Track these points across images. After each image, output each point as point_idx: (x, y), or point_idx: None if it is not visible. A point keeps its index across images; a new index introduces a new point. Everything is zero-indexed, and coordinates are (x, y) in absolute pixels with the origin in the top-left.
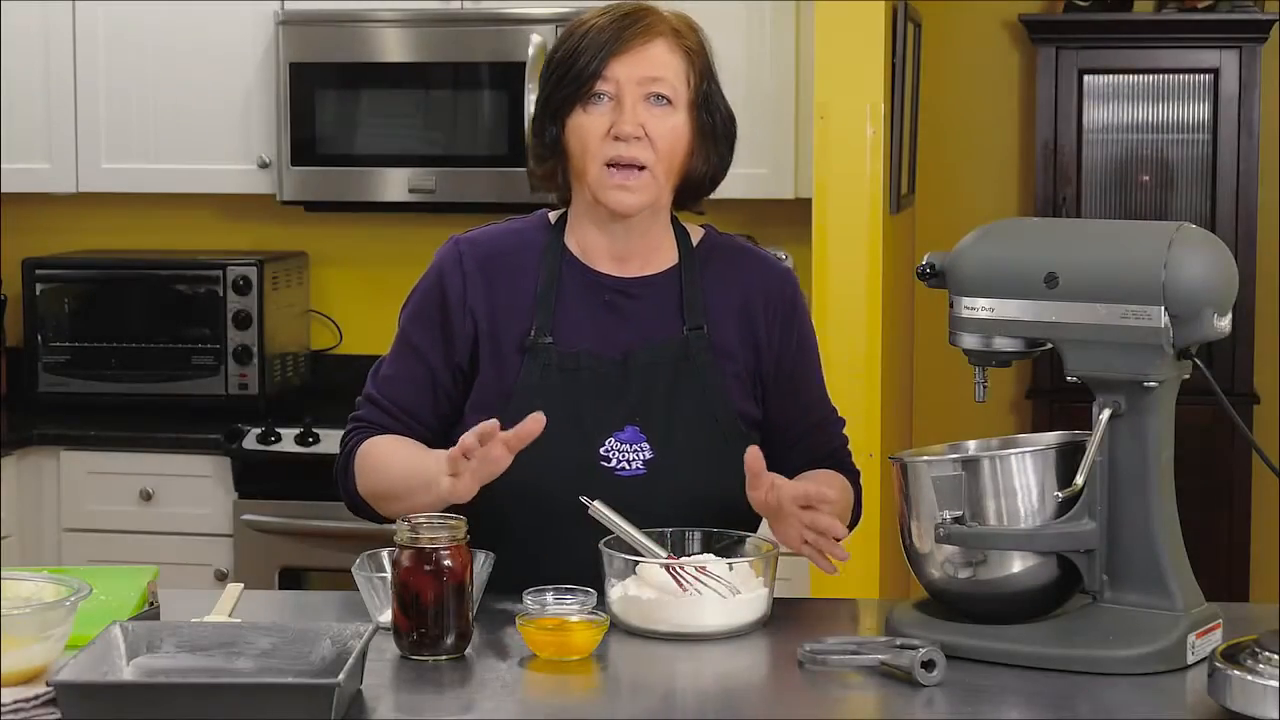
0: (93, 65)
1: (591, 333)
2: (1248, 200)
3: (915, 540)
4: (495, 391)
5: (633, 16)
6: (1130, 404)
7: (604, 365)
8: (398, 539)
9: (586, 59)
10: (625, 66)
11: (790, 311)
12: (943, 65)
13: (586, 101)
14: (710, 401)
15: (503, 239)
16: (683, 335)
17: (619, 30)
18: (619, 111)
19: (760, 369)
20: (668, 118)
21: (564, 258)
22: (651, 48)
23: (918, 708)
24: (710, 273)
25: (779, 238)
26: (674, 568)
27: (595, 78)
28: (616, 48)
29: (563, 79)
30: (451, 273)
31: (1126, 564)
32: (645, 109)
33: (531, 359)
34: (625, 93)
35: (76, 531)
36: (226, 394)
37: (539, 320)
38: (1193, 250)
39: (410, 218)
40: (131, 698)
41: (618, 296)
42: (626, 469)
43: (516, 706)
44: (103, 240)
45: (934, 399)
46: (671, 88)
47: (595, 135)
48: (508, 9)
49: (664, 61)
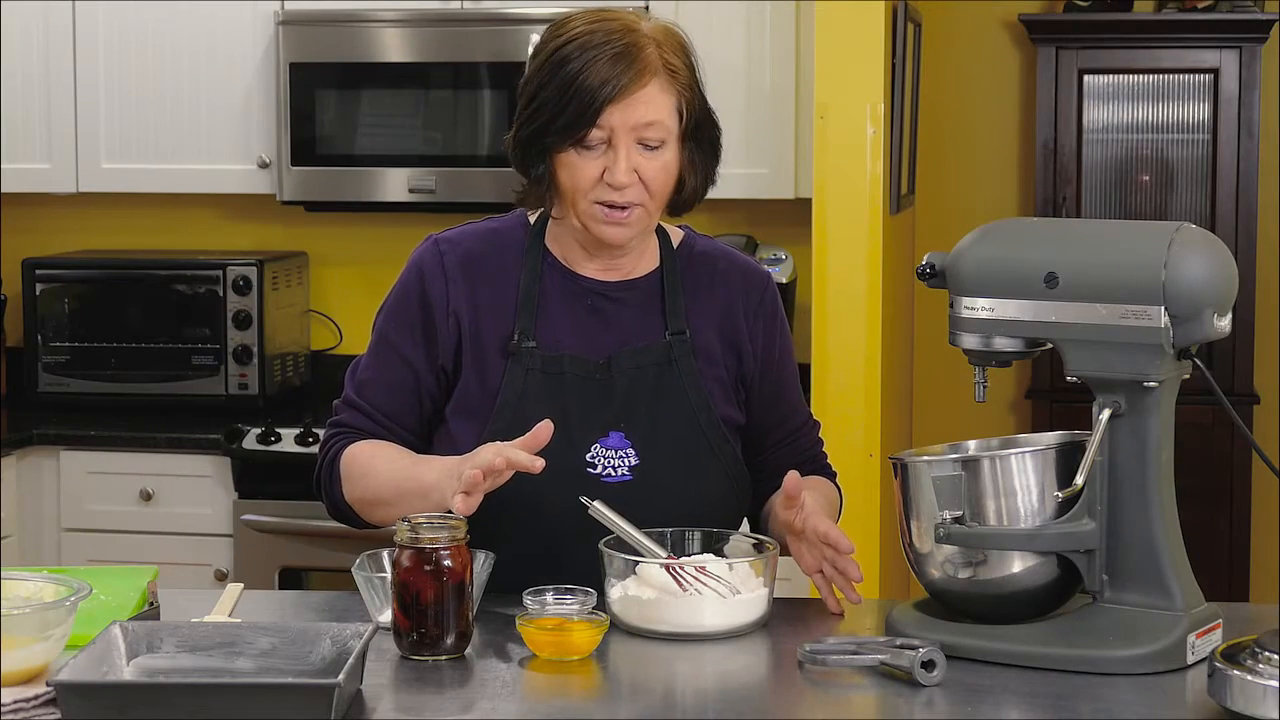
0: (93, 65)
1: (574, 336)
2: (1248, 200)
3: (915, 540)
4: (478, 395)
5: (626, 56)
6: (1130, 404)
7: (587, 369)
8: (398, 539)
9: (581, 105)
10: (620, 113)
11: (771, 315)
12: (943, 65)
13: (579, 144)
14: (694, 406)
15: (483, 239)
16: (665, 340)
17: (615, 76)
18: (613, 159)
19: (743, 372)
20: (659, 158)
21: (545, 259)
22: (645, 92)
23: (918, 708)
24: (691, 277)
25: (779, 238)
26: (674, 568)
27: (590, 126)
28: (612, 95)
29: (553, 121)
30: (433, 273)
31: (1126, 564)
32: (638, 152)
33: (515, 363)
34: (619, 140)
35: (76, 531)
36: (226, 394)
37: (521, 323)
38: (1193, 250)
39: (410, 218)
40: (131, 698)
41: (600, 300)
42: (613, 475)
43: (516, 706)
44: (103, 240)
45: (934, 399)
46: (665, 129)
47: (587, 178)
48: (508, 9)
49: (657, 104)
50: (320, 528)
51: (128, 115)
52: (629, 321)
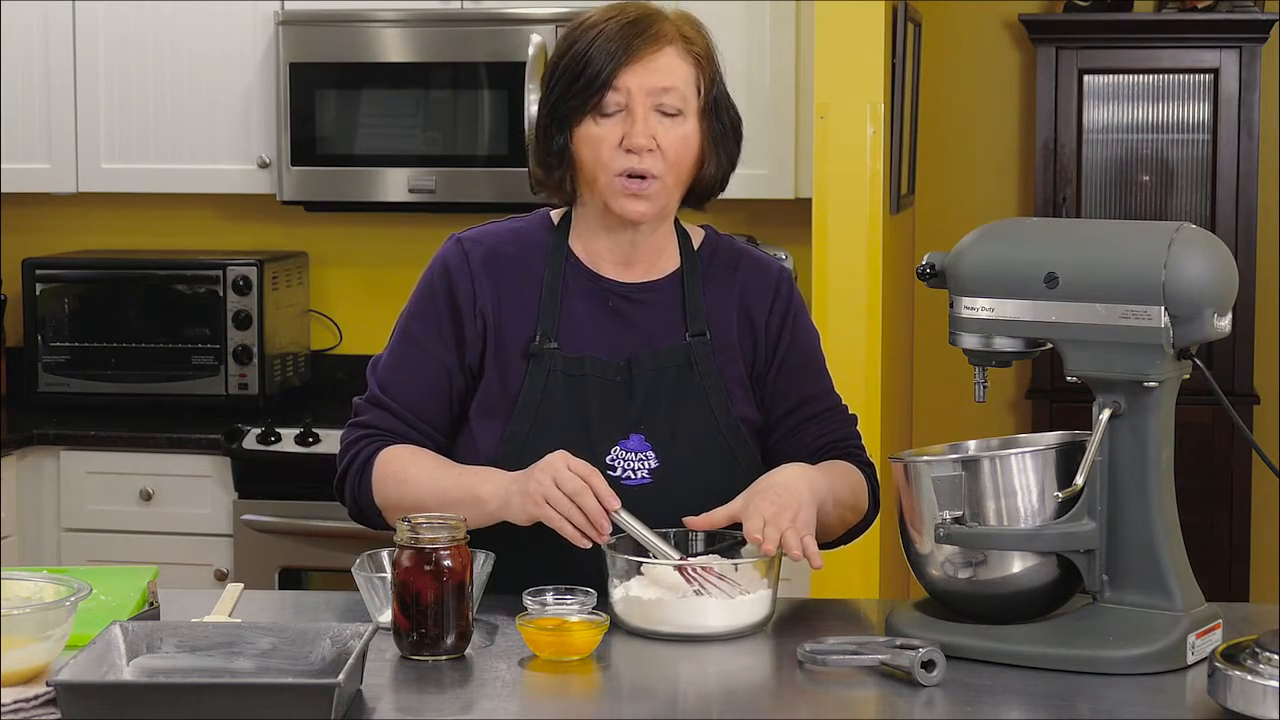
0: (93, 65)
1: (596, 338)
2: (1248, 200)
3: (915, 540)
4: (500, 395)
5: (641, 23)
6: (1130, 404)
7: (609, 371)
8: (398, 539)
9: (595, 69)
10: (635, 76)
11: (786, 310)
12: (943, 65)
13: (597, 111)
14: (713, 409)
15: (507, 239)
16: (685, 341)
17: (628, 39)
18: (630, 122)
19: (755, 367)
20: (678, 127)
21: (568, 260)
22: (661, 56)
23: (918, 708)
24: (711, 277)
25: (779, 238)
26: (687, 570)
27: (605, 88)
28: (626, 57)
29: (570, 87)
30: (459, 272)
31: (1126, 564)
32: (656, 119)
33: (536, 364)
34: (636, 103)
35: (76, 531)
36: (226, 394)
37: (544, 324)
38: (1193, 250)
39: (410, 218)
40: (131, 698)
41: (622, 302)
42: (632, 478)
43: (516, 706)
44: (103, 240)
45: (934, 399)
46: (682, 97)
47: (607, 146)
48: (508, 9)
49: (674, 70)
50: (320, 528)
51: (128, 115)
52: (650, 323)
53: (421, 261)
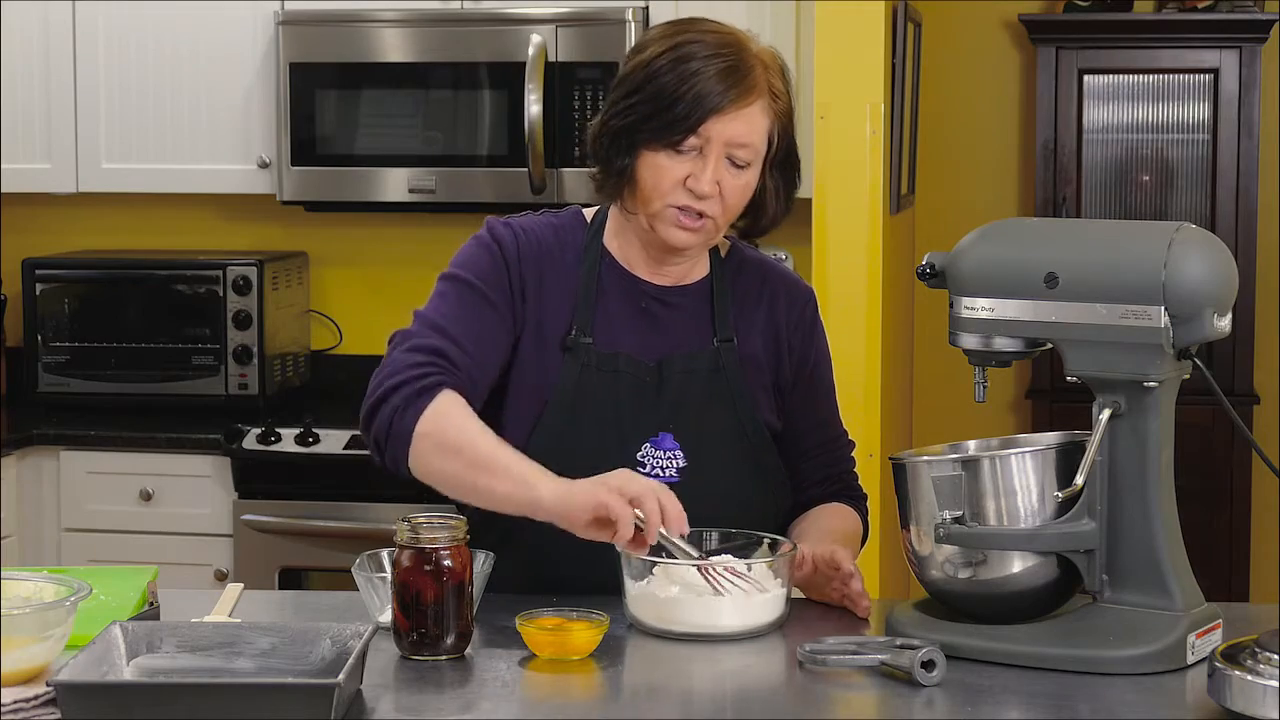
0: (93, 65)
1: (629, 336)
2: (1248, 200)
3: (915, 540)
4: (534, 385)
5: (737, 73)
6: (1130, 404)
7: (640, 370)
8: (398, 539)
9: (684, 112)
10: (720, 125)
11: (810, 329)
12: (943, 65)
13: (671, 147)
14: (740, 413)
15: (546, 232)
16: (714, 346)
17: (724, 87)
18: (701, 166)
19: (779, 381)
20: (743, 176)
21: (603, 259)
22: (748, 111)
23: (918, 708)
24: (739, 286)
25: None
26: (707, 571)
27: (690, 133)
28: (719, 106)
29: (650, 118)
30: (509, 246)
31: (1126, 564)
32: (724, 167)
33: (571, 357)
34: (712, 151)
35: (76, 531)
36: (226, 394)
37: (579, 319)
38: (1193, 250)
39: (410, 218)
40: (131, 698)
41: (654, 303)
42: (661, 476)
43: (516, 706)
44: (103, 240)
45: (934, 399)
46: (755, 152)
47: (671, 179)
48: (508, 9)
49: (755, 126)
50: (320, 528)
51: (128, 115)
52: (679, 326)
53: (422, 262)
